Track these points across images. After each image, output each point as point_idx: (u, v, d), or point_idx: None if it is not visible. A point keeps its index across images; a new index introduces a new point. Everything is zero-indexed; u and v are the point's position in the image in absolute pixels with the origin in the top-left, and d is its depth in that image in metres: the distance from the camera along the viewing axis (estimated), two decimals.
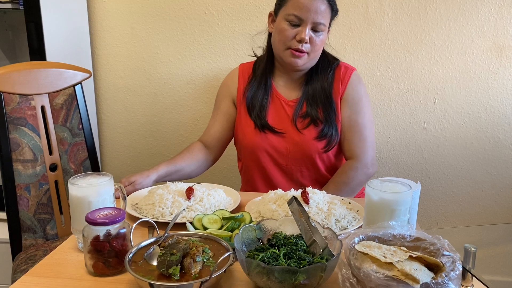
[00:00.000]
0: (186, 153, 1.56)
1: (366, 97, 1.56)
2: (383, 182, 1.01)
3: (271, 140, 1.52)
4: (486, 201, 2.01)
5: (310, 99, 1.52)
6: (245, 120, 1.56)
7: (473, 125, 1.94)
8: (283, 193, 1.22)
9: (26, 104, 1.54)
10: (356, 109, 1.53)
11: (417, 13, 1.84)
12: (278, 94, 1.56)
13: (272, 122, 1.53)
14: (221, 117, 1.62)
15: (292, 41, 1.43)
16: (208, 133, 1.63)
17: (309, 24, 1.41)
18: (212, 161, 1.65)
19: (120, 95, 2.09)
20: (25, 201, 1.53)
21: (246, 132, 1.55)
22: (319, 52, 1.49)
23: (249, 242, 0.94)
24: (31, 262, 1.43)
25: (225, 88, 1.65)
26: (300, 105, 1.53)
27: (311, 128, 1.50)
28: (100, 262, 0.92)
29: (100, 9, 2.00)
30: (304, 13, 1.40)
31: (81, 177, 1.05)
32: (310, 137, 1.50)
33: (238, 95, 1.60)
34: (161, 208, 1.18)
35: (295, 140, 1.51)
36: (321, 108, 1.51)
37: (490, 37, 1.83)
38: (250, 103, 1.55)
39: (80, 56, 1.97)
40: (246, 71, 1.63)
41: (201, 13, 1.95)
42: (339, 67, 1.55)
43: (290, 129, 1.52)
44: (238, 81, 1.62)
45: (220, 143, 1.63)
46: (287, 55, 1.46)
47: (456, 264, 0.79)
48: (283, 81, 1.58)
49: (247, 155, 1.58)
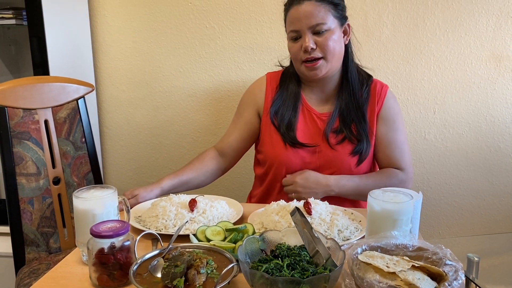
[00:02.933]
0: (196, 164, 1.52)
1: (401, 114, 1.55)
2: (384, 192, 1.02)
3: (303, 156, 1.47)
4: (488, 210, 2.01)
5: (344, 114, 1.48)
6: (273, 133, 1.51)
7: (474, 134, 1.95)
8: (285, 204, 1.23)
9: (29, 118, 1.56)
10: (393, 126, 1.50)
11: (416, 24, 1.86)
12: (309, 107, 1.51)
13: (303, 136, 1.48)
14: (242, 126, 1.57)
15: (300, 54, 1.41)
16: (226, 141, 1.58)
17: (307, 31, 1.38)
18: (225, 170, 1.60)
19: (122, 108, 2.11)
20: (29, 215, 1.54)
21: (276, 147, 1.49)
22: (336, 53, 1.42)
23: (253, 254, 0.95)
24: (34, 275, 1.43)
25: (251, 96, 1.59)
26: (333, 119, 1.48)
27: (345, 144, 1.46)
28: (105, 275, 0.92)
29: (102, 24, 2.02)
30: (297, 23, 1.39)
31: (85, 190, 1.06)
32: (344, 153, 1.46)
33: (265, 105, 1.54)
34: (165, 220, 1.19)
35: (328, 155, 1.46)
36: (354, 124, 1.47)
37: (488, 47, 1.85)
38: (277, 118, 1.50)
39: (83, 70, 2.00)
40: (274, 80, 1.57)
41: (202, 27, 1.97)
42: (374, 84, 1.52)
43: (322, 143, 1.47)
44: (265, 90, 1.56)
45: (236, 152, 1.59)
46: (304, 70, 1.43)
47: (459, 274, 0.79)
48: (314, 93, 1.53)
49: (274, 167, 1.51)
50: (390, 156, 1.50)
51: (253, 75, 1.99)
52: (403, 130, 1.54)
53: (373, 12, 1.87)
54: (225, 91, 2.03)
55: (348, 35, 1.47)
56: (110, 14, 2.01)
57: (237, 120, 1.60)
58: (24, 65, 2.15)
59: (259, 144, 1.58)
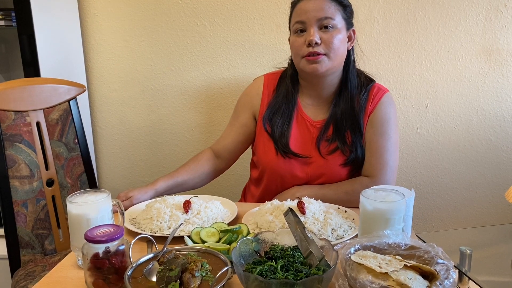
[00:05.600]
0: (191, 165, 1.51)
1: (393, 120, 1.46)
2: (377, 192, 1.03)
3: (294, 165, 1.45)
4: (480, 202, 2.04)
5: (338, 121, 1.44)
6: (266, 140, 1.50)
7: (465, 128, 1.96)
8: (279, 203, 1.23)
9: (21, 121, 1.55)
10: (380, 130, 1.43)
11: (406, 19, 1.87)
12: (304, 114, 1.49)
13: (295, 145, 1.46)
14: (238, 129, 1.56)
15: (303, 48, 1.37)
16: (222, 143, 1.57)
17: (314, 23, 1.35)
18: (221, 172, 1.60)
19: (114, 108, 2.10)
20: (23, 217, 1.54)
21: (268, 154, 1.48)
22: (339, 52, 1.38)
23: (247, 255, 0.95)
24: (30, 278, 1.44)
25: (247, 98, 1.57)
26: (327, 127, 1.45)
27: (337, 155, 1.43)
28: (100, 279, 0.93)
29: (92, 23, 2.01)
30: (304, 14, 1.36)
31: (79, 195, 1.06)
32: (335, 163, 1.43)
33: (261, 109, 1.52)
34: (159, 222, 1.19)
35: (319, 165, 1.44)
36: (349, 132, 1.43)
37: (479, 41, 1.86)
38: (271, 125, 1.48)
39: (74, 69, 1.99)
40: (272, 83, 1.54)
41: (193, 24, 1.96)
42: (373, 88, 1.47)
43: (313, 153, 1.45)
44: (262, 94, 1.54)
45: (232, 155, 1.58)
46: (304, 64, 1.38)
47: (450, 272, 0.81)
48: (310, 99, 1.50)
49: (266, 173, 1.50)
50: (368, 160, 1.44)
51: (245, 72, 1.99)
52: (391, 136, 1.44)
53: (363, 7, 1.87)
54: (217, 89, 2.03)
55: (352, 41, 1.45)
56: (100, 13, 2.00)
57: (233, 122, 1.59)
58: (15, 64, 2.13)
59: (254, 146, 1.58)
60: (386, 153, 1.42)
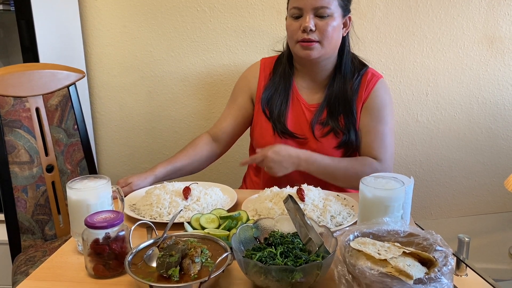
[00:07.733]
0: (189, 150, 1.52)
1: (390, 106, 1.49)
2: (376, 179, 1.03)
3: (291, 146, 1.44)
4: (479, 190, 2.04)
5: (332, 105, 1.47)
6: (263, 122, 1.52)
7: (466, 116, 1.96)
8: (279, 190, 1.24)
9: (20, 106, 1.54)
10: (378, 116, 1.46)
11: (408, 6, 1.85)
12: (299, 97, 1.51)
13: (292, 126, 1.49)
14: (236, 112, 1.58)
15: (298, 33, 1.39)
16: (219, 126, 1.58)
17: (310, 11, 1.36)
18: (219, 155, 1.61)
19: (114, 94, 2.09)
20: (23, 203, 1.54)
21: (265, 136, 1.51)
22: (332, 40, 1.41)
23: (246, 241, 0.96)
24: (31, 263, 1.44)
25: (244, 81, 1.60)
26: (321, 110, 1.48)
27: (331, 137, 1.46)
28: (100, 265, 0.93)
29: (91, 7, 1.99)
30: (301, 1, 1.37)
31: (78, 181, 1.06)
32: (329, 146, 1.46)
33: (257, 92, 1.55)
34: (159, 208, 1.19)
35: (313, 148, 1.45)
36: (342, 116, 1.46)
37: (481, 29, 1.85)
38: (269, 106, 1.50)
39: (73, 55, 1.97)
40: (268, 67, 1.57)
41: (193, 10, 1.95)
42: (366, 73, 1.49)
43: (308, 135, 1.48)
44: (259, 77, 1.56)
45: (230, 137, 1.59)
46: (298, 49, 1.41)
47: (449, 259, 0.81)
48: (305, 82, 1.52)
49: None
50: (369, 145, 1.46)
51: (245, 58, 1.98)
52: (388, 122, 1.47)
53: None
54: (217, 75, 2.02)
55: (347, 27, 1.46)
56: None
57: (231, 106, 1.60)
58: (13, 49, 2.12)
59: (251, 129, 1.59)
60: (387, 138, 1.46)
